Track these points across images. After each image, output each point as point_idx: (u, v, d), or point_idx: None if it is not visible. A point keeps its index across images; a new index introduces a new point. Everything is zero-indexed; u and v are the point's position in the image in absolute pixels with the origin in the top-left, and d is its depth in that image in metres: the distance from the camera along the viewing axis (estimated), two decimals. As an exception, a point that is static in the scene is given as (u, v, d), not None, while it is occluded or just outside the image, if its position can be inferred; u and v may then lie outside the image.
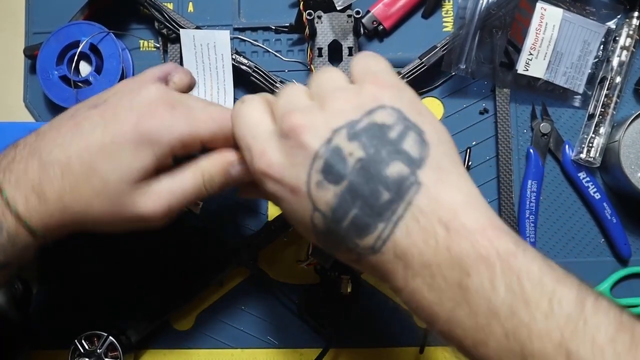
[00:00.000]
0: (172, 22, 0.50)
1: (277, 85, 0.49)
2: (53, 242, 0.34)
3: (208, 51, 0.49)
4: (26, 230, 0.32)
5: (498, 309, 0.24)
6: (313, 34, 0.48)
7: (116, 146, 0.32)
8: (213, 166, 0.34)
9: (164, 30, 0.50)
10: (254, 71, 0.49)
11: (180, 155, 0.34)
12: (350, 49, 0.49)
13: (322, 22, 0.48)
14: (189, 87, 0.39)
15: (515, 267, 0.24)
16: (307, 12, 0.46)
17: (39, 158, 0.32)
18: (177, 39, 0.50)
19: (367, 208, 0.26)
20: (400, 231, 0.26)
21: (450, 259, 0.25)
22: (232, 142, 0.34)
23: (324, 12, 0.48)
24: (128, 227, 0.33)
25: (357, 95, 0.28)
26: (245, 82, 0.50)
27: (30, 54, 0.51)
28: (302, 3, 0.48)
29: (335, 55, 0.49)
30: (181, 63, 0.51)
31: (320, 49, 0.49)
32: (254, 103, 0.32)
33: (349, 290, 0.46)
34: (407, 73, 0.48)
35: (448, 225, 0.25)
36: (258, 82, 0.49)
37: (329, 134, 0.27)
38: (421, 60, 0.48)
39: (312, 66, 0.48)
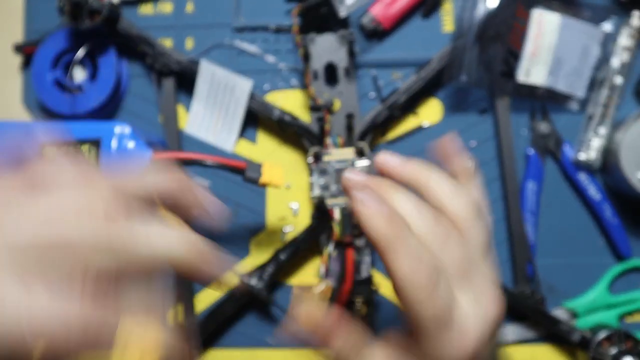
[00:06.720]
0: (167, 58, 0.49)
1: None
2: None
3: (224, 91, 0.49)
4: None
5: None
6: (307, 57, 0.48)
7: None
8: None
9: (156, 66, 0.49)
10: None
11: None
12: (346, 70, 0.48)
13: (315, 45, 0.48)
14: None
15: None
16: (300, 36, 0.46)
17: None
18: (171, 73, 0.50)
19: None
20: None
21: None
22: None
23: (317, 34, 0.48)
24: None
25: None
26: (254, 125, 0.51)
27: (20, 50, 0.50)
28: (296, 25, 0.47)
29: (331, 77, 0.48)
30: (192, 92, 0.50)
31: (315, 72, 0.48)
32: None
33: (365, 312, 0.45)
34: (404, 90, 0.48)
35: None
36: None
37: None
38: (419, 76, 0.48)
39: (310, 88, 0.48)
